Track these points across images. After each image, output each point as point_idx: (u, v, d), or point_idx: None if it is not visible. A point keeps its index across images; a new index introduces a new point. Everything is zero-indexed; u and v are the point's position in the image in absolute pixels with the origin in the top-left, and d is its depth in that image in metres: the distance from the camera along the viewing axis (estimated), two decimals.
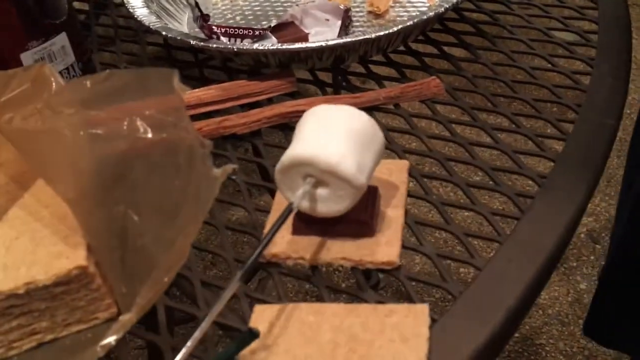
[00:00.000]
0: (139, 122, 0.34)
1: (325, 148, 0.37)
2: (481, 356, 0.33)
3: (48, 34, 0.53)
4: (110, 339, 0.31)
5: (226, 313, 0.38)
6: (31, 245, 0.36)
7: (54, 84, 0.43)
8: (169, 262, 0.33)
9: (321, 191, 0.38)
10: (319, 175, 0.37)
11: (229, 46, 0.55)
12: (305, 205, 0.38)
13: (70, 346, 0.37)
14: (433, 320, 0.35)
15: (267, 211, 0.44)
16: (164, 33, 0.57)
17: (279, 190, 0.40)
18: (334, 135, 0.38)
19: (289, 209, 0.36)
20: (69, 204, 0.35)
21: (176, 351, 0.36)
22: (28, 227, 0.37)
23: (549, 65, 0.56)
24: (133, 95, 0.33)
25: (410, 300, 0.37)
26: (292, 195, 0.39)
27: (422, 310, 0.35)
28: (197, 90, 0.55)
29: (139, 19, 0.61)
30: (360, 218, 0.40)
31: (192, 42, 0.55)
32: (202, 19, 0.58)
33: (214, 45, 0.55)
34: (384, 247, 0.39)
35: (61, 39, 0.54)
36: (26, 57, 0.52)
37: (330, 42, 0.53)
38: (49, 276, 0.34)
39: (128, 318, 0.32)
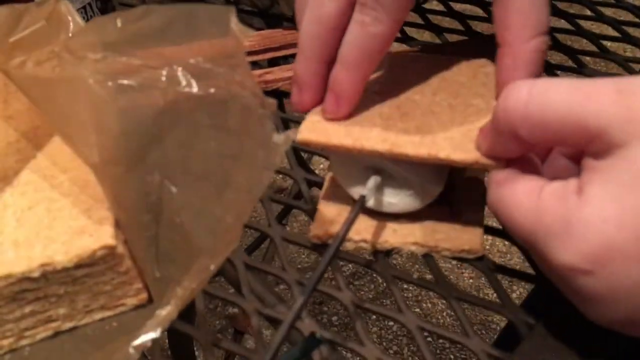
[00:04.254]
0: (180, 73, 0.27)
1: None
2: None
3: None
4: (146, 338, 0.26)
5: (275, 304, 0.32)
6: (47, 218, 0.30)
7: (71, 24, 0.36)
8: (216, 246, 0.27)
9: (388, 188, 0.32)
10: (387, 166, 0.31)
11: None
12: (371, 201, 0.33)
13: (92, 336, 0.31)
14: (530, 327, 0.29)
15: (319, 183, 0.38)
16: None
17: (336, 178, 0.34)
18: None
19: (359, 204, 0.30)
20: (93, 169, 0.29)
21: (216, 347, 0.31)
22: (43, 195, 0.31)
23: None
24: (176, 39, 0.27)
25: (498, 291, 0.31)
26: (352, 185, 0.33)
27: None
28: None
29: None
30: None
31: None
32: None
33: None
34: (464, 231, 0.33)
35: None
36: None
37: None
38: (69, 257, 0.28)
39: (167, 312, 0.26)
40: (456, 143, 0.29)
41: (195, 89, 0.27)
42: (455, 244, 0.32)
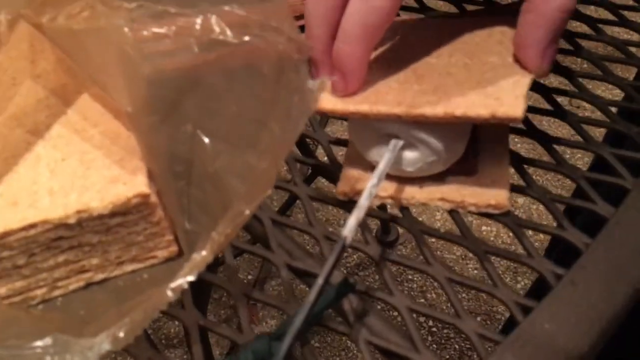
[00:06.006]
0: (214, 20, 0.28)
1: None
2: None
3: None
4: (183, 281, 0.26)
5: (303, 257, 0.33)
6: (81, 169, 0.30)
7: None
8: (250, 189, 0.27)
9: (409, 153, 0.32)
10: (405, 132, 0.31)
11: None
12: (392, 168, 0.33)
13: (123, 288, 0.32)
14: (558, 277, 0.29)
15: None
16: None
17: (356, 146, 0.34)
18: None
19: (340, 246, 0.27)
20: (128, 118, 0.29)
21: (247, 297, 0.31)
22: (75, 148, 0.31)
23: None
24: None
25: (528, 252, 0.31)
26: (371, 152, 0.33)
27: None
28: None
29: None
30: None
31: None
32: None
33: None
34: (490, 187, 0.33)
35: None
36: None
37: None
38: (104, 204, 0.28)
39: (203, 256, 0.26)
40: (472, 100, 0.29)
41: (229, 36, 0.27)
42: (482, 199, 0.33)
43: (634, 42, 0.44)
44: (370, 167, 0.35)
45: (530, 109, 0.40)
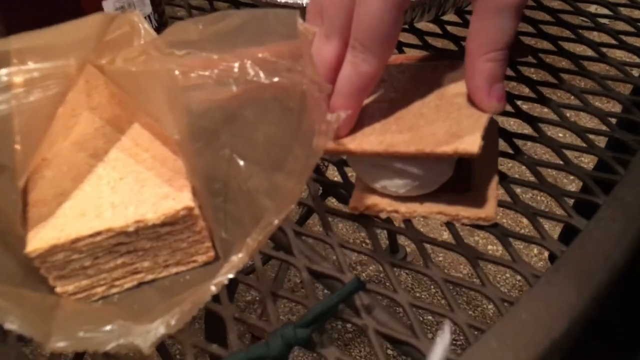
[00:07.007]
0: (249, 65, 0.34)
1: None
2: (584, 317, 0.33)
3: None
4: (223, 278, 0.32)
5: (321, 261, 0.38)
6: (136, 186, 0.36)
7: (142, 30, 0.43)
8: (278, 204, 0.33)
9: (397, 180, 0.38)
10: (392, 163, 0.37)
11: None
12: (382, 185, 0.39)
13: (169, 287, 0.37)
14: (536, 278, 0.35)
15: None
16: None
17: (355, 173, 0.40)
18: None
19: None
20: (176, 145, 0.35)
21: (275, 296, 0.37)
22: (130, 169, 0.38)
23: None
24: (249, 38, 0.33)
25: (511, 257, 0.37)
26: (369, 179, 0.39)
27: None
28: None
29: None
30: (457, 173, 0.39)
31: None
32: None
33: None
34: (481, 202, 0.39)
35: None
36: (107, 6, 0.52)
37: None
38: (157, 215, 0.34)
39: (240, 258, 0.32)
40: (438, 138, 0.35)
41: (262, 78, 0.34)
42: (473, 213, 0.38)
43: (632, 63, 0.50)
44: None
45: (515, 135, 0.46)
